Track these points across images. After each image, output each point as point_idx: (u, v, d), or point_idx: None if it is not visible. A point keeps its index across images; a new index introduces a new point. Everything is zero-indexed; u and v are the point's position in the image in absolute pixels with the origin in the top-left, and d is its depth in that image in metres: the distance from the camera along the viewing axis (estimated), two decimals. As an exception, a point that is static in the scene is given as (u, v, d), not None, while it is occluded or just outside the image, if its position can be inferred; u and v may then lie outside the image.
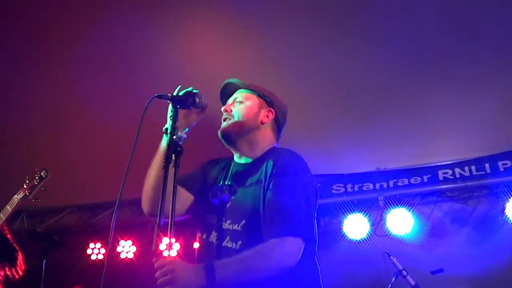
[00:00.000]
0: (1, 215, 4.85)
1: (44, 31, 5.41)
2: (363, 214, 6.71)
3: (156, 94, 2.75)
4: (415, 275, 6.05)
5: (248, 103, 3.10)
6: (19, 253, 5.06)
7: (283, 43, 5.75)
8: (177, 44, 5.61)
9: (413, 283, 5.53)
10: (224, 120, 3.06)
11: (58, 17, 5.32)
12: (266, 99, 3.15)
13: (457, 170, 6.58)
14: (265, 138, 3.10)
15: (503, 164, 6.43)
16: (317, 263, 2.93)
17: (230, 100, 3.15)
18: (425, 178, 6.66)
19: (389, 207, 6.64)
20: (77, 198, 7.19)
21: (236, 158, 3.12)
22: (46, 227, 7.21)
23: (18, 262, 4.98)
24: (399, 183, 6.73)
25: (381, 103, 6.27)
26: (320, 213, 7.10)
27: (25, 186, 4.93)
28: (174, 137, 2.69)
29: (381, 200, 6.68)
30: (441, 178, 6.60)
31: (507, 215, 6.33)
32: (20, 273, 4.97)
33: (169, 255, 2.48)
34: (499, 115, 6.23)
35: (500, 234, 6.57)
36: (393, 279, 5.63)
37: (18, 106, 6.10)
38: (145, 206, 2.96)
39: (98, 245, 7.36)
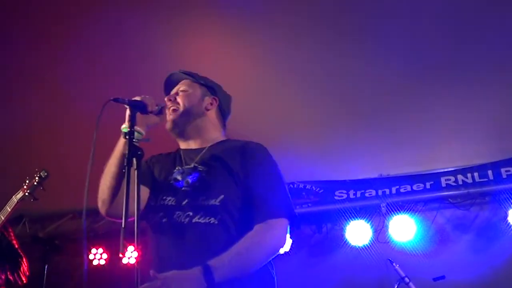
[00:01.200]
0: (1, 215, 4.84)
1: (41, 32, 5.40)
2: (365, 221, 6.69)
3: (112, 98, 2.71)
4: (417, 282, 6.06)
5: (191, 91, 3.16)
6: (24, 259, 5.05)
7: (284, 49, 5.74)
8: (176, 46, 5.60)
9: (415, 290, 5.54)
10: (172, 110, 3.07)
11: (53, 18, 5.31)
12: (209, 87, 3.22)
13: (460, 177, 6.58)
14: (212, 125, 3.17)
15: (506, 171, 6.42)
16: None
17: (173, 91, 3.20)
18: (428, 185, 6.65)
19: (392, 214, 6.63)
20: (79, 203, 7.15)
21: (184, 146, 3.15)
22: (48, 232, 7.20)
23: (22, 268, 4.96)
24: (401, 190, 6.72)
25: (384, 110, 6.26)
26: (322, 219, 7.18)
27: (24, 187, 4.92)
28: (134, 140, 2.67)
29: (383, 207, 6.68)
30: (443, 184, 6.60)
31: (509, 222, 6.34)
32: (24, 279, 4.95)
33: (161, 275, 2.45)
34: (503, 121, 6.24)
35: (502, 241, 6.58)
36: (396, 286, 5.63)
37: (19, 108, 6.10)
38: (103, 206, 2.90)
39: (100, 250, 7.35)
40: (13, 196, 4.92)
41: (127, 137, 2.66)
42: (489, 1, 5.28)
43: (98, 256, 7.29)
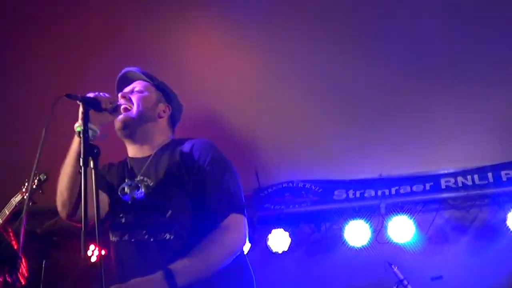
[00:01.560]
0: None
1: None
2: (364, 221, 6.67)
3: (65, 93, 2.59)
4: (415, 281, 6.06)
5: (146, 93, 3.09)
6: (23, 261, 5.01)
7: (283, 49, 5.72)
8: (174, 43, 5.58)
9: (414, 292, 5.53)
10: (123, 109, 2.98)
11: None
12: (165, 93, 3.17)
13: (460, 179, 6.55)
14: (162, 132, 3.12)
15: (506, 174, 6.39)
16: None
17: (127, 88, 3.12)
18: (427, 186, 6.62)
19: (391, 214, 6.61)
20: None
21: (132, 154, 3.09)
22: (45, 229, 7.17)
23: (20, 269, 4.93)
24: (401, 191, 6.70)
25: (384, 110, 6.24)
26: (321, 219, 7.16)
27: (23, 190, 4.89)
28: (89, 138, 2.58)
29: (382, 207, 6.65)
30: (443, 186, 6.57)
31: (508, 225, 6.30)
32: (22, 281, 4.92)
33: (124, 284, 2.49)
34: (504, 123, 6.20)
35: (501, 244, 6.55)
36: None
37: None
38: (63, 209, 2.80)
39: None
40: (12, 199, 4.89)
41: (81, 135, 2.56)
42: (489, 1, 5.26)
43: (96, 253, 7.25)
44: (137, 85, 3.13)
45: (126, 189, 2.91)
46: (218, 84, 5.77)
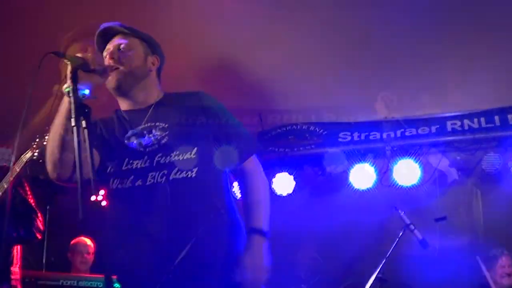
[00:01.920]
0: (9, 176, 4.74)
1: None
2: (369, 164, 6.66)
3: (51, 51, 2.49)
4: (420, 222, 6.11)
5: (133, 50, 3.02)
6: (39, 215, 4.98)
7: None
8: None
9: (420, 237, 5.55)
10: (112, 69, 2.89)
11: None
12: (151, 44, 3.11)
13: (466, 122, 6.51)
14: (154, 84, 3.11)
15: (512, 118, 6.38)
16: None
17: (110, 46, 3.04)
18: (433, 129, 6.58)
19: (396, 157, 6.60)
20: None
21: (126, 107, 3.06)
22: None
23: (35, 224, 4.90)
24: (406, 133, 6.65)
25: (391, 53, 6.12)
26: (325, 161, 7.13)
27: (34, 146, 4.80)
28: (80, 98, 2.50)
29: (388, 150, 6.63)
30: (449, 129, 6.53)
31: (512, 168, 6.35)
32: (38, 235, 4.90)
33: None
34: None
35: (505, 186, 6.60)
36: (401, 233, 5.64)
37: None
38: (54, 170, 2.74)
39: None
40: (22, 156, 4.80)
41: (70, 95, 2.48)
42: None
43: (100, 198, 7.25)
44: (121, 42, 3.04)
45: (132, 137, 2.90)
46: (225, 29, 5.62)
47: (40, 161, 4.73)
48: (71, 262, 6.44)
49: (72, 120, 2.41)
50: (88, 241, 6.44)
